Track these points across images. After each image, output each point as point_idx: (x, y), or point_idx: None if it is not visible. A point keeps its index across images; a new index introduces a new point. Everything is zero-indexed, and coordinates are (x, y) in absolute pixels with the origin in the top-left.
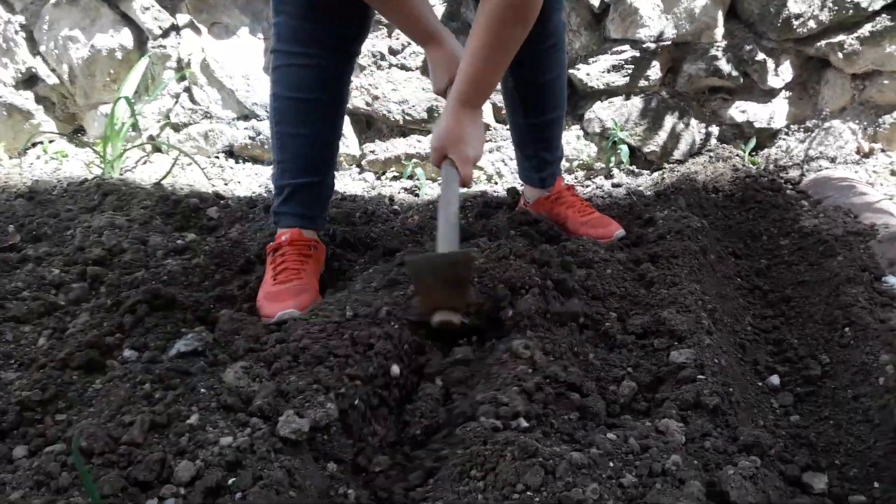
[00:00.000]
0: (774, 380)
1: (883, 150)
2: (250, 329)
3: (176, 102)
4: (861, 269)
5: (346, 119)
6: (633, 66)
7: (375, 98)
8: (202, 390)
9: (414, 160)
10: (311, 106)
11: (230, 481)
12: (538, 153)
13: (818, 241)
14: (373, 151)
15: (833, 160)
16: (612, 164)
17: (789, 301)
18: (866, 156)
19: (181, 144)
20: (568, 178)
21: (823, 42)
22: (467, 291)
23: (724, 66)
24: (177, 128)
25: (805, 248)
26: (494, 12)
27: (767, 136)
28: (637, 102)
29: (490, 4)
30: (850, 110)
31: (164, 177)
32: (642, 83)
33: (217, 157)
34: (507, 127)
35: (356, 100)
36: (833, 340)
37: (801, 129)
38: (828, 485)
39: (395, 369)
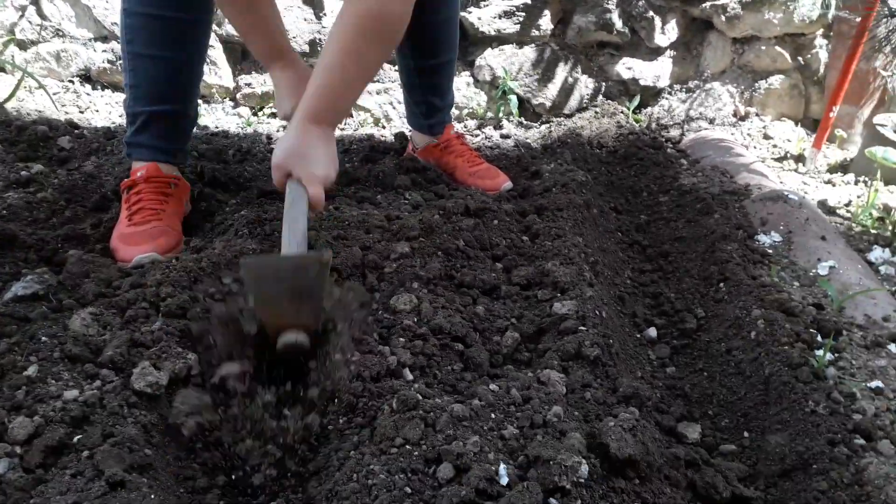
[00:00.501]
0: (652, 332)
1: (757, 115)
2: (102, 272)
3: (21, 16)
4: (736, 227)
5: (220, 47)
6: (524, 14)
7: None
8: (43, 339)
9: None
10: (168, 24)
11: (75, 439)
12: (427, 98)
13: (696, 199)
14: (248, 84)
15: (712, 121)
16: (501, 115)
17: (667, 256)
18: (742, 119)
19: (28, 65)
20: (457, 127)
21: (708, 4)
22: (319, 305)
23: (614, 20)
24: (23, 45)
25: (683, 206)
26: (354, 25)
27: (651, 95)
28: (528, 52)
29: (349, 16)
30: (730, 73)
31: (7, 100)
32: (533, 32)
33: (71, 82)
34: (396, 68)
35: (229, 26)
36: (708, 295)
37: (683, 90)
38: (701, 434)
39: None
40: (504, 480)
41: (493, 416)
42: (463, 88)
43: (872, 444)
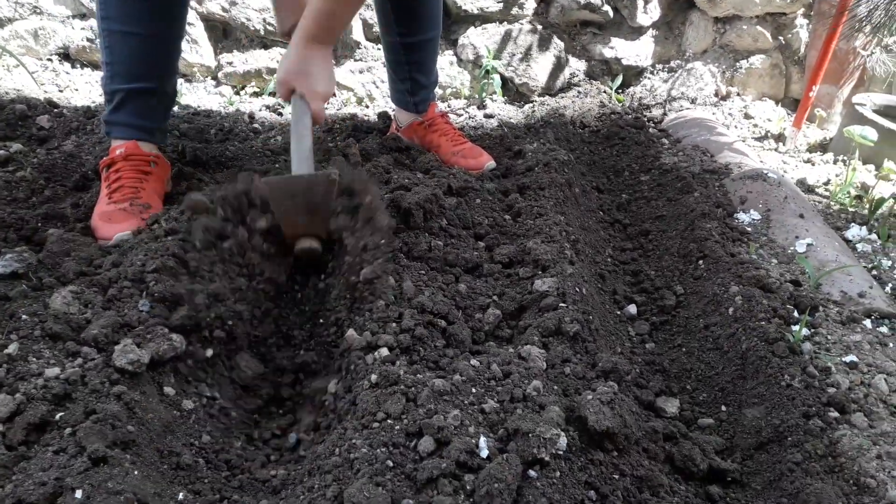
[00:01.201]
0: (632, 309)
1: (738, 94)
2: (83, 251)
3: None
4: (715, 205)
5: (200, 25)
6: None
7: (233, 3)
8: (23, 317)
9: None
10: (146, 4)
11: (58, 416)
12: (412, 75)
13: (677, 178)
14: (230, 63)
15: (693, 101)
16: (485, 95)
17: (647, 234)
18: (723, 98)
19: (6, 43)
20: (441, 106)
21: None
22: (328, 216)
23: None
24: (1, 23)
25: (664, 185)
26: None
27: (634, 74)
28: (511, 31)
29: None
30: (711, 53)
31: None
32: (516, 11)
33: (50, 60)
34: (380, 46)
35: (211, 4)
36: (687, 272)
37: (665, 69)
38: (679, 408)
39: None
40: (484, 453)
41: (473, 390)
42: (446, 68)
43: (846, 416)
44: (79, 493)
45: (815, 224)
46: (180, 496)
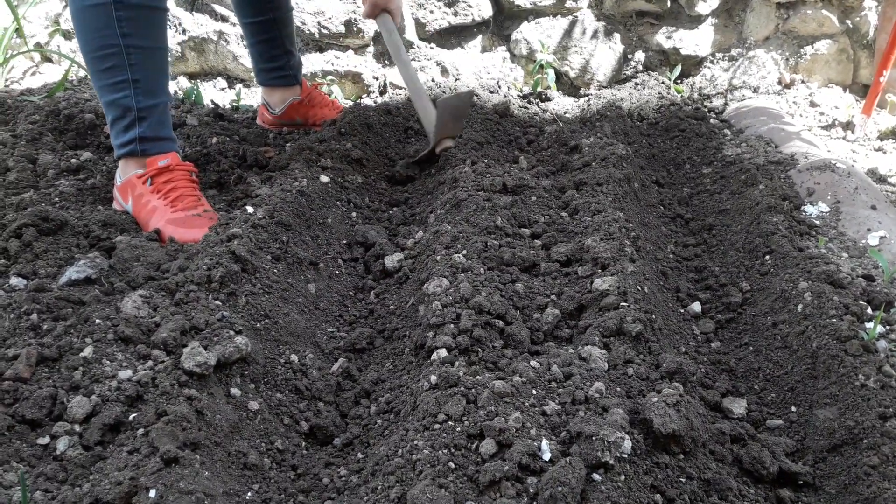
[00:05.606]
0: (696, 307)
1: (803, 82)
2: (151, 256)
3: (65, 6)
4: (781, 197)
5: None
6: None
7: None
8: (97, 321)
9: (330, 77)
10: (161, 16)
11: (131, 417)
12: (287, 48)
13: (740, 170)
14: None
15: (756, 90)
16: (539, 89)
17: (711, 229)
18: (787, 86)
19: (74, 54)
20: None
21: None
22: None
23: None
24: (68, 35)
25: (727, 177)
26: None
27: (693, 64)
28: (564, 24)
29: None
30: (774, 40)
31: (56, 89)
32: (570, 3)
33: None
34: (433, 45)
35: None
36: (754, 268)
37: (726, 58)
38: (747, 409)
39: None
40: (546, 456)
41: (534, 392)
42: (499, 64)
43: None
44: (153, 493)
45: (889, 216)
46: (248, 496)
